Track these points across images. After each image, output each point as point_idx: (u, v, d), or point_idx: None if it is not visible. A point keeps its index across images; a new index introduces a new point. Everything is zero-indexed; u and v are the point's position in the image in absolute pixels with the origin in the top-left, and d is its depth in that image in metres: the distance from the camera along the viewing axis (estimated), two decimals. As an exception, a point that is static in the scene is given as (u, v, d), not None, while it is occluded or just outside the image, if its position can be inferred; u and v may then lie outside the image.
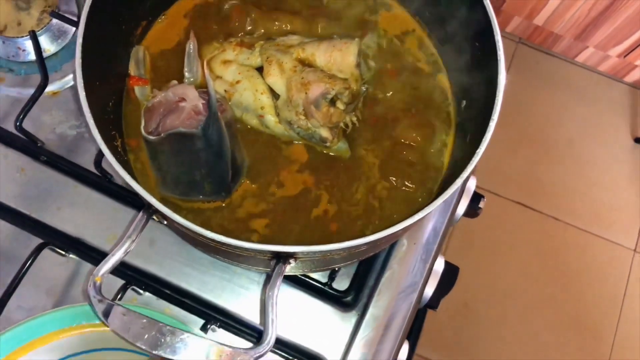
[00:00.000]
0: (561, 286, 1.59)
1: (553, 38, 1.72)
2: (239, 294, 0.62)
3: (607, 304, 1.58)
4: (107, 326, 0.41)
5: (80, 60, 0.46)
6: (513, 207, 1.65)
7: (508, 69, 1.75)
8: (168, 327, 0.41)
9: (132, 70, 0.57)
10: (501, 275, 1.58)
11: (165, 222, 0.50)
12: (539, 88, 1.78)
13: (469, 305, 1.54)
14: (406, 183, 0.57)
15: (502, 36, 0.49)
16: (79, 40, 0.47)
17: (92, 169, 0.64)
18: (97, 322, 0.54)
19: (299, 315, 0.62)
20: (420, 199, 0.57)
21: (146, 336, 0.40)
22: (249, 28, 0.61)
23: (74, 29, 0.69)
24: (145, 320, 0.40)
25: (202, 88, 0.55)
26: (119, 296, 0.59)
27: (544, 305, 1.57)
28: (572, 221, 1.66)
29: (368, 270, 0.64)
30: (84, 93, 0.46)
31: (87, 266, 0.63)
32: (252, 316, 0.62)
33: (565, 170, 1.70)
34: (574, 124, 1.75)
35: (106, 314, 0.42)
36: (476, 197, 0.75)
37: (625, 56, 1.67)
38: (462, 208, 0.72)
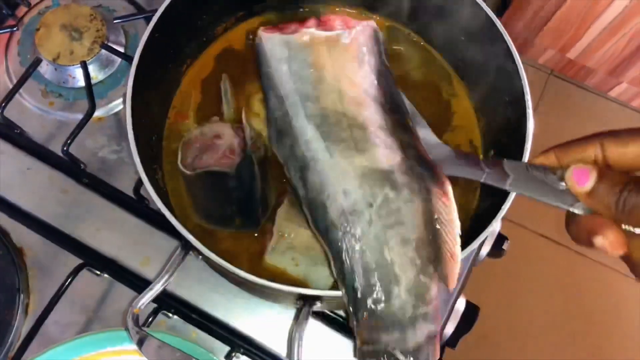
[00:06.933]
0: (585, 324, 1.56)
1: (585, 71, 1.71)
2: (265, 323, 0.64)
3: (632, 346, 1.55)
4: (144, 356, 0.43)
5: (130, 101, 0.49)
6: (538, 240, 1.64)
7: (539, 100, 1.74)
8: (198, 362, 0.43)
9: (177, 106, 0.60)
10: (523, 310, 1.57)
11: (200, 257, 0.53)
12: (570, 121, 1.77)
13: (489, 338, 1.52)
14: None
15: (535, 67, 0.50)
16: (130, 82, 0.50)
17: (131, 193, 0.67)
18: (129, 346, 0.57)
19: (319, 348, 0.63)
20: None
21: (177, 369, 0.43)
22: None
23: (119, 59, 0.74)
24: (178, 355, 0.42)
25: (239, 124, 0.58)
26: (149, 320, 0.62)
27: (566, 343, 1.54)
28: (599, 258, 1.63)
29: (389, 307, 0.65)
30: (132, 132, 0.49)
31: (119, 286, 0.66)
32: (276, 345, 0.64)
33: (593, 205, 1.67)
34: (604, 158, 1.73)
35: (141, 343, 0.45)
36: (500, 239, 0.75)
37: (659, 93, 1.65)
38: (485, 250, 0.73)
